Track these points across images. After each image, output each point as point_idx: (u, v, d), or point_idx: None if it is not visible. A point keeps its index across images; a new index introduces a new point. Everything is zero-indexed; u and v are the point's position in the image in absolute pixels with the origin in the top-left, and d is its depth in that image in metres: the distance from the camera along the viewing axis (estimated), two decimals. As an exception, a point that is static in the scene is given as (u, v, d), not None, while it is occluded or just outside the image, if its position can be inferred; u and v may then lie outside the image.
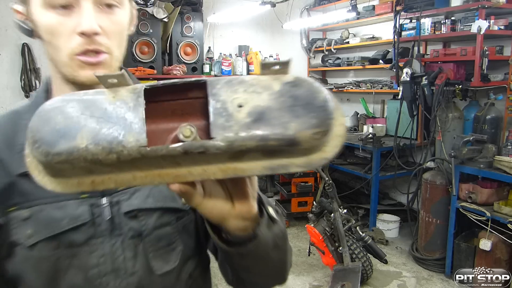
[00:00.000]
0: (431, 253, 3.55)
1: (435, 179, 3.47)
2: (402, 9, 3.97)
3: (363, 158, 4.46)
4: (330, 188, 3.16)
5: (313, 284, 3.34)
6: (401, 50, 4.18)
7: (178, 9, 4.47)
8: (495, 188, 3.08)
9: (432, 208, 3.49)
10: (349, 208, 4.37)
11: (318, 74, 6.12)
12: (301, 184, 4.50)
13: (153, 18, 4.52)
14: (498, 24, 3.49)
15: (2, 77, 4.36)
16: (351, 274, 2.91)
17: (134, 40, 4.44)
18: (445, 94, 3.55)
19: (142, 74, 4.36)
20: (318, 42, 5.80)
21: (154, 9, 4.49)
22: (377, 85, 4.92)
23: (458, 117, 3.61)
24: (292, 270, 3.65)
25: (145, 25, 4.49)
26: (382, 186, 4.80)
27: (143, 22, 4.46)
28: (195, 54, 4.86)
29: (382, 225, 4.23)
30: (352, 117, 5.35)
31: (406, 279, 3.40)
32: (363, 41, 5.13)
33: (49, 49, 0.71)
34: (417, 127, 4.21)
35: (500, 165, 3.02)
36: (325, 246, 3.08)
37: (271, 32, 5.72)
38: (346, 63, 5.37)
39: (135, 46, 4.46)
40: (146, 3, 4.47)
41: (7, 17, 4.29)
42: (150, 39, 4.53)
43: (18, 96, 4.43)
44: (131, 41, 4.44)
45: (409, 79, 3.75)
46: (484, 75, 3.46)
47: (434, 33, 3.87)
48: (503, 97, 3.41)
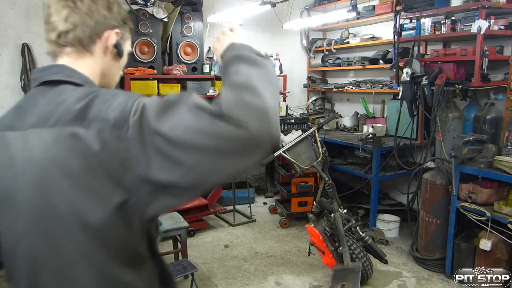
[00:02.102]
0: (431, 253, 3.55)
1: (435, 179, 3.47)
2: (402, 9, 3.97)
3: (363, 158, 4.46)
4: (330, 188, 3.16)
5: (313, 284, 3.34)
6: (401, 50, 4.18)
7: (178, 9, 4.47)
8: (495, 188, 3.08)
9: (432, 208, 3.49)
10: (349, 208, 4.38)
11: (318, 74, 6.13)
12: (301, 184, 4.50)
13: (153, 18, 4.52)
14: (498, 24, 3.49)
15: (2, 77, 4.36)
16: (351, 274, 2.91)
17: (134, 40, 4.44)
18: (445, 94, 3.55)
19: (142, 74, 4.36)
20: (318, 42, 5.81)
21: (154, 9, 4.49)
22: (377, 85, 4.92)
23: (458, 117, 3.61)
24: (292, 270, 3.67)
25: (145, 25, 4.49)
26: (382, 186, 4.80)
27: (143, 22, 4.46)
28: (195, 54, 4.86)
29: (382, 225, 4.23)
30: (352, 117, 5.35)
31: (406, 279, 3.40)
32: (363, 41, 5.13)
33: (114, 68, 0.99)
34: (417, 127, 4.21)
35: (500, 165, 3.02)
36: (325, 246, 3.08)
37: (271, 32, 5.72)
38: (346, 63, 5.37)
39: (135, 46, 4.46)
40: (146, 3, 4.47)
41: (7, 17, 4.29)
42: (150, 39, 4.53)
43: (18, 96, 4.43)
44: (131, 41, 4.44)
45: (409, 79, 3.75)
46: (484, 75, 3.46)
47: (434, 33, 3.87)
48: (503, 97, 3.41)
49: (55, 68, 0.90)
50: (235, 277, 3.43)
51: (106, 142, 0.75)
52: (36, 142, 0.81)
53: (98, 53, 0.94)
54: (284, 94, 5.30)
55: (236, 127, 0.70)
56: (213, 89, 4.82)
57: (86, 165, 0.77)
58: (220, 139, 0.70)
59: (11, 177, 0.83)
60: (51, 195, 0.79)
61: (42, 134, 0.81)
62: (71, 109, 0.79)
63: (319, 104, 6.11)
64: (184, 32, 4.76)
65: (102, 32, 0.93)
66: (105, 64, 0.96)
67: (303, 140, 3.31)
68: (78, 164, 0.77)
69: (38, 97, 0.86)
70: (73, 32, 0.89)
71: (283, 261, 3.71)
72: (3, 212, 0.85)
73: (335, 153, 4.92)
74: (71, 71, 0.89)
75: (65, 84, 0.87)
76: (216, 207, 4.71)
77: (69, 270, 0.81)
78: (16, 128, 0.85)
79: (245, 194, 5.02)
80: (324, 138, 4.41)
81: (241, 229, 4.49)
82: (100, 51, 0.94)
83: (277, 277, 3.43)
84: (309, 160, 3.30)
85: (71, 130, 0.77)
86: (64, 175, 0.78)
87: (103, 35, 0.93)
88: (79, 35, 0.90)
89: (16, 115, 0.88)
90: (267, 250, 3.97)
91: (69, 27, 0.89)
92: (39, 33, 4.44)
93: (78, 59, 0.92)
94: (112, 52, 0.96)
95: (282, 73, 5.31)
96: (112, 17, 0.94)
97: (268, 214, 4.99)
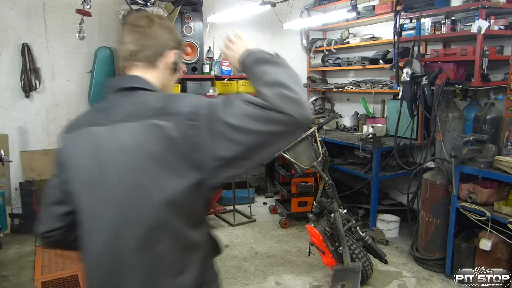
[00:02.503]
0: (431, 253, 3.55)
1: (435, 179, 3.46)
2: (402, 9, 3.97)
3: (363, 158, 4.46)
4: (330, 188, 3.16)
5: (313, 284, 3.34)
6: (401, 50, 4.18)
7: (178, 9, 4.47)
8: (495, 188, 3.08)
9: (432, 208, 3.49)
10: (349, 208, 4.38)
11: (318, 74, 6.13)
12: (301, 184, 4.50)
13: (153, 18, 4.52)
14: (498, 24, 3.48)
15: (2, 77, 4.36)
16: (351, 274, 2.91)
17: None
18: (445, 94, 3.55)
19: (142, 74, 4.36)
20: (318, 42, 5.81)
21: (154, 9, 4.48)
22: (377, 85, 4.92)
23: (458, 117, 3.61)
24: (292, 270, 3.67)
25: (145, 25, 4.48)
26: (382, 186, 4.81)
27: (143, 22, 4.46)
28: (195, 54, 4.86)
29: (382, 225, 4.23)
30: (352, 117, 5.35)
31: (406, 279, 3.40)
32: (363, 41, 5.13)
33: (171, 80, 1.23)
34: (417, 127, 4.21)
35: (500, 165, 3.02)
36: (325, 246, 3.08)
37: (271, 32, 5.72)
38: (346, 63, 5.37)
39: (135, 46, 4.45)
40: (146, 3, 4.47)
41: (7, 17, 4.29)
42: (150, 39, 4.52)
43: (18, 96, 4.44)
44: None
45: (409, 79, 3.75)
46: (484, 75, 3.46)
47: (434, 33, 3.87)
48: (503, 97, 3.41)
49: (132, 78, 1.15)
50: (235, 277, 3.43)
51: (182, 130, 0.98)
52: (125, 133, 1.03)
53: (160, 68, 1.18)
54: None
55: (281, 114, 0.92)
56: (213, 89, 4.82)
57: (166, 148, 0.98)
58: (270, 123, 0.93)
59: (99, 163, 1.05)
60: (139, 174, 1.00)
61: (130, 126, 1.03)
62: (153, 107, 1.03)
63: (319, 104, 6.11)
64: (184, 32, 4.75)
65: (164, 52, 1.18)
66: (165, 77, 1.20)
67: (303, 140, 3.30)
68: (160, 148, 0.98)
69: (119, 100, 1.10)
70: (141, 52, 1.15)
71: (283, 261, 3.71)
72: (88, 192, 1.07)
73: (335, 153, 4.92)
74: (144, 81, 1.14)
75: (141, 90, 1.11)
76: (216, 207, 4.71)
77: (149, 234, 1.00)
78: (101, 124, 1.07)
79: (245, 194, 5.02)
80: (324, 138, 4.41)
81: (241, 229, 4.50)
82: (162, 66, 1.18)
83: (277, 277, 3.43)
84: (309, 160, 3.29)
85: (154, 122, 1.00)
86: (149, 157, 0.99)
87: (164, 54, 1.18)
88: (146, 54, 1.16)
89: (99, 114, 1.11)
90: (267, 250, 3.97)
91: (139, 48, 1.15)
92: (39, 33, 4.45)
93: (146, 72, 1.16)
94: (171, 68, 1.20)
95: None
96: (171, 40, 1.20)
97: (268, 214, 4.99)
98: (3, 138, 4.38)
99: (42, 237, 1.22)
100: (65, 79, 4.67)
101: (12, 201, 4.48)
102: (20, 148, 4.52)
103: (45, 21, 4.47)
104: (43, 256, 3.73)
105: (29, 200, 4.24)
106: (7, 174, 4.41)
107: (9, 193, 4.44)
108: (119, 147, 1.03)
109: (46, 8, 4.46)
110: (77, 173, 1.10)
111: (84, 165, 1.08)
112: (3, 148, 4.02)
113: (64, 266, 3.53)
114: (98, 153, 1.06)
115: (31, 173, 4.49)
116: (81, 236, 1.11)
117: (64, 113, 4.71)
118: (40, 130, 4.61)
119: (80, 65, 4.71)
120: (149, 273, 1.02)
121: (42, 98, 4.57)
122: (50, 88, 4.61)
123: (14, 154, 4.48)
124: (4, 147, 4.25)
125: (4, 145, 4.34)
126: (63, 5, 4.50)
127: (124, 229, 1.02)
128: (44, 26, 4.47)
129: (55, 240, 1.22)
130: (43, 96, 4.57)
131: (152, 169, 0.99)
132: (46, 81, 4.57)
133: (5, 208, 3.95)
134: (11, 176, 4.48)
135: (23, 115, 4.51)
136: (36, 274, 3.40)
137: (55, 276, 3.36)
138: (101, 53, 4.65)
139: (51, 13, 4.48)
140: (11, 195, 4.47)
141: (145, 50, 1.15)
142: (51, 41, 4.51)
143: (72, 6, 4.15)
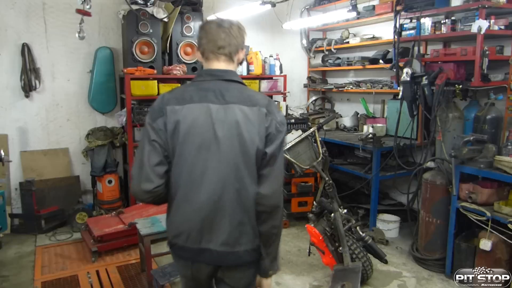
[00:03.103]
0: (431, 253, 3.55)
1: (435, 179, 3.46)
2: (402, 9, 3.97)
3: (363, 158, 4.45)
4: (330, 188, 3.16)
5: (313, 284, 3.34)
6: (401, 50, 4.18)
7: (178, 9, 4.47)
8: (495, 188, 3.08)
9: (432, 208, 3.49)
10: (349, 208, 4.38)
11: (318, 74, 6.13)
12: (301, 184, 4.50)
13: (153, 18, 4.52)
14: (498, 24, 3.48)
15: (2, 77, 4.36)
16: (351, 274, 2.91)
17: (134, 40, 4.44)
18: (445, 94, 3.55)
19: (142, 74, 4.36)
20: (318, 42, 5.81)
21: (154, 9, 4.48)
22: (377, 85, 4.92)
23: (458, 117, 3.61)
24: (292, 270, 3.66)
25: (145, 25, 4.49)
26: (382, 186, 4.80)
27: (143, 22, 4.46)
28: (195, 54, 4.86)
29: (382, 225, 4.23)
30: (352, 117, 5.35)
31: (406, 279, 3.40)
32: (363, 41, 5.13)
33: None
34: (417, 127, 4.21)
35: (500, 165, 3.02)
36: (325, 246, 3.08)
37: (271, 32, 5.72)
38: (346, 63, 5.37)
39: (135, 46, 4.46)
40: (146, 3, 4.47)
41: (7, 17, 4.29)
42: (150, 39, 4.53)
43: (18, 96, 4.44)
44: (131, 41, 4.44)
45: (409, 79, 3.75)
46: (484, 75, 3.46)
47: (434, 33, 3.86)
48: (503, 97, 3.41)
49: (230, 72, 1.57)
50: (235, 277, 3.43)
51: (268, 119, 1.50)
52: (238, 111, 1.48)
53: (234, 62, 1.60)
54: (284, 94, 5.30)
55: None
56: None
57: (260, 123, 1.49)
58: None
59: (212, 130, 1.47)
60: (242, 132, 1.47)
61: (243, 108, 1.49)
62: (264, 101, 1.53)
63: (319, 104, 6.11)
64: (184, 32, 4.75)
65: (238, 50, 1.58)
66: (235, 69, 1.61)
67: (303, 140, 3.30)
68: (257, 121, 1.49)
69: (226, 86, 1.53)
70: (227, 48, 1.54)
71: (283, 261, 3.71)
72: (201, 152, 1.48)
73: (335, 153, 4.92)
74: (238, 76, 1.58)
75: (236, 83, 1.56)
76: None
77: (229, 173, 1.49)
78: (216, 102, 1.49)
79: (245, 194, 5.01)
80: (324, 138, 4.41)
81: (241, 229, 4.48)
82: (235, 61, 1.60)
83: (277, 277, 3.42)
84: (309, 160, 3.29)
85: (261, 109, 1.50)
86: (250, 123, 1.48)
87: (239, 52, 1.59)
88: (229, 50, 1.55)
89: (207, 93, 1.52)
90: (267, 250, 3.96)
91: (224, 44, 1.53)
92: (39, 33, 4.45)
93: (227, 65, 1.57)
94: (238, 63, 1.62)
95: (282, 73, 5.30)
96: (242, 41, 1.59)
97: (268, 214, 4.98)
98: (3, 138, 4.38)
99: (151, 192, 1.48)
100: (65, 79, 4.67)
101: (12, 201, 4.48)
102: (20, 148, 4.52)
103: (45, 21, 4.47)
104: (43, 256, 3.74)
105: (29, 200, 4.24)
106: (7, 174, 4.42)
107: (9, 193, 4.44)
108: (233, 118, 1.47)
109: (46, 8, 4.46)
110: (194, 138, 1.48)
111: (202, 133, 1.48)
112: (3, 148, 4.03)
113: (64, 266, 3.54)
114: (211, 123, 1.47)
115: (31, 173, 4.49)
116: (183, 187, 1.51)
117: (64, 113, 4.71)
118: (40, 130, 4.61)
119: (80, 65, 4.71)
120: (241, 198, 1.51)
121: (42, 98, 4.57)
122: (50, 88, 4.61)
123: (14, 154, 4.48)
124: (4, 147, 4.25)
125: (4, 145, 4.34)
126: (63, 5, 4.50)
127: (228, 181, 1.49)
128: (44, 26, 4.47)
129: (158, 193, 1.50)
130: (43, 96, 4.57)
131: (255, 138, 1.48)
132: (46, 81, 4.57)
133: (5, 208, 3.96)
134: (11, 176, 4.48)
135: (23, 115, 4.51)
136: (36, 274, 3.40)
137: (55, 276, 3.37)
138: (101, 53, 4.66)
139: (51, 13, 4.48)
140: (11, 195, 4.48)
141: (229, 46, 1.53)
142: (51, 41, 4.51)
143: (72, 6, 4.15)
